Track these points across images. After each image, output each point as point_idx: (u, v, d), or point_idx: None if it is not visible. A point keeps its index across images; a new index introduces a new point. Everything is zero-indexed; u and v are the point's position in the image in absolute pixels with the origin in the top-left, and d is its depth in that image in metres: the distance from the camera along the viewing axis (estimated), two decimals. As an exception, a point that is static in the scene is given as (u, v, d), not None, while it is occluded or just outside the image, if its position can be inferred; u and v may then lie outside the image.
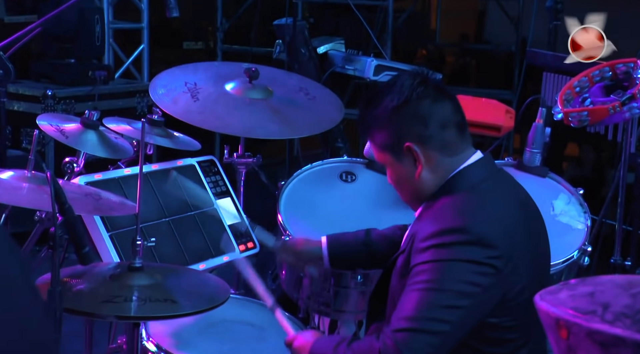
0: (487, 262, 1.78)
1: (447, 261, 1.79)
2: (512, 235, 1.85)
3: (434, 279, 1.78)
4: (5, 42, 2.53)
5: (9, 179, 2.07)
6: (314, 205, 2.74)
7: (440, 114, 1.93)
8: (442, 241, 1.80)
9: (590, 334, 0.87)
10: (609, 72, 2.94)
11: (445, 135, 1.93)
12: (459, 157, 1.95)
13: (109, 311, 1.85)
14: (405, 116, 1.94)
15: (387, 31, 5.58)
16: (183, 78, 2.72)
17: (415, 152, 1.93)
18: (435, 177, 1.95)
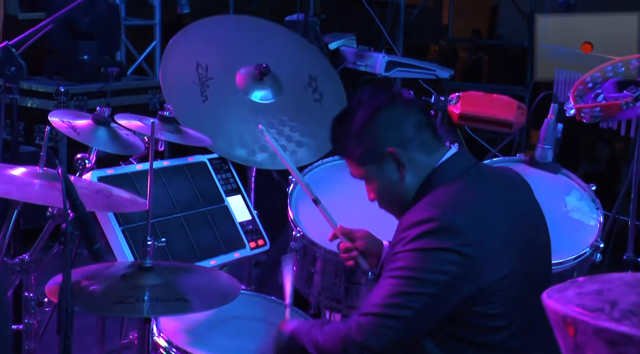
0: (455, 249, 1.80)
1: (414, 250, 1.83)
2: (487, 224, 1.86)
3: (400, 267, 1.85)
4: (18, 38, 2.54)
5: (21, 175, 2.08)
6: (326, 201, 2.74)
7: (412, 117, 1.99)
8: (411, 233, 1.85)
9: (598, 332, 0.86)
10: (622, 68, 2.92)
11: (422, 135, 1.99)
12: (436, 156, 1.99)
13: (122, 311, 1.87)
14: (380, 125, 1.99)
15: (398, 27, 5.57)
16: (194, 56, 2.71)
17: (398, 156, 1.97)
18: (416, 178, 1.99)
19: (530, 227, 2.00)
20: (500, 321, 1.87)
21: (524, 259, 1.93)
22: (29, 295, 2.56)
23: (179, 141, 2.59)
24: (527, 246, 1.95)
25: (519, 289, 1.89)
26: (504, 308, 1.87)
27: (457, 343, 1.88)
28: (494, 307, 1.86)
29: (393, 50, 5.16)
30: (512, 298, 1.87)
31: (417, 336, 1.88)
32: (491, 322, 1.87)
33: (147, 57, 6.14)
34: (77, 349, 1.83)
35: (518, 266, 1.89)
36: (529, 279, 1.92)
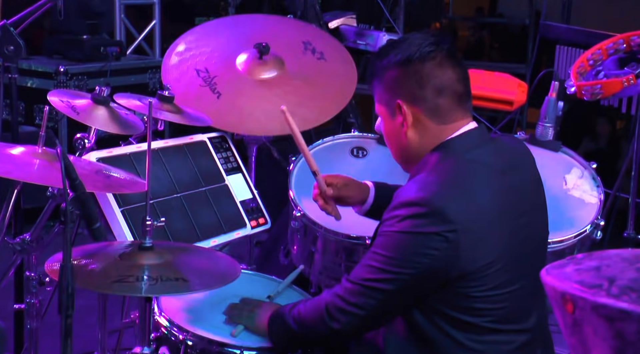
0: (440, 234, 1.80)
1: (400, 232, 1.84)
2: (478, 210, 1.85)
3: (384, 246, 1.87)
4: (16, 17, 2.53)
5: (20, 154, 2.08)
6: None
7: (439, 79, 1.94)
8: (400, 212, 1.85)
9: (596, 308, 0.86)
10: (623, 45, 2.91)
11: (438, 101, 1.95)
12: (450, 127, 1.96)
13: (121, 290, 1.87)
14: (403, 73, 1.96)
15: (399, 5, 5.54)
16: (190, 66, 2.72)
17: (404, 111, 1.96)
18: (422, 141, 1.97)
19: (528, 214, 1.98)
20: (485, 303, 1.87)
21: (516, 245, 1.92)
22: (30, 275, 2.57)
23: (179, 120, 2.58)
24: (519, 231, 1.93)
25: (507, 275, 1.88)
26: (490, 292, 1.87)
27: (442, 319, 1.89)
28: (479, 291, 1.86)
29: (394, 29, 5.14)
30: (500, 283, 1.87)
31: (397, 310, 1.93)
32: (476, 303, 1.87)
33: (147, 36, 6.12)
34: (79, 328, 1.84)
35: (509, 253, 1.89)
36: (520, 265, 1.91)
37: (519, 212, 1.94)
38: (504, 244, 1.88)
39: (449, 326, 1.89)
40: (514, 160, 2.02)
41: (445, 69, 1.94)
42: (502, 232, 1.89)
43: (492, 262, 1.85)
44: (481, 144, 1.97)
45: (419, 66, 1.94)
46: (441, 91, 1.94)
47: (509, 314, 1.92)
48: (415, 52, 1.94)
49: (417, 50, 1.94)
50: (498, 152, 2.00)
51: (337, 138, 2.91)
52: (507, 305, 1.91)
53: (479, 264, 1.84)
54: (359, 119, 4.63)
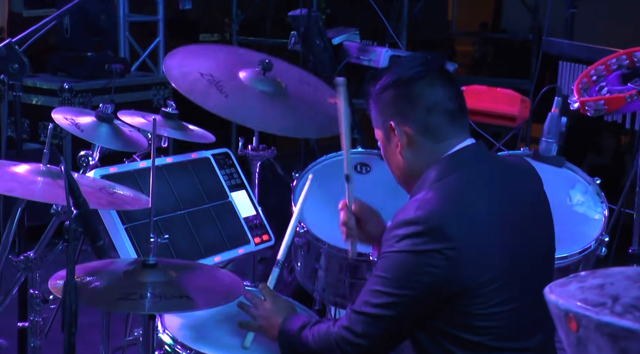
0: (440, 252, 1.80)
1: (399, 252, 1.84)
2: (478, 227, 1.84)
3: (384, 268, 1.87)
4: (21, 35, 2.54)
5: (25, 172, 2.09)
6: (329, 196, 2.74)
7: (430, 98, 1.94)
8: (398, 232, 1.85)
9: (600, 326, 0.86)
10: (626, 61, 2.91)
11: (430, 120, 1.95)
12: (445, 144, 1.96)
13: (124, 307, 1.87)
14: (394, 95, 1.97)
15: (402, 21, 5.56)
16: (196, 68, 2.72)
17: (397, 132, 1.97)
18: (418, 160, 1.97)
19: (531, 230, 1.97)
20: (487, 321, 1.86)
21: (519, 262, 1.90)
22: (34, 292, 2.56)
23: (182, 137, 2.59)
24: (518, 248, 1.92)
25: (510, 292, 1.87)
26: (491, 309, 1.86)
27: (444, 339, 1.88)
28: (479, 308, 1.85)
29: (397, 45, 5.15)
30: (501, 300, 1.86)
31: (405, 334, 1.92)
32: (477, 321, 1.86)
33: (151, 53, 6.15)
34: (82, 346, 1.84)
35: (510, 269, 1.87)
36: (523, 282, 1.90)
37: (520, 229, 1.93)
38: (504, 261, 1.87)
39: (452, 345, 1.88)
40: (514, 177, 2.01)
41: (435, 88, 1.95)
42: (503, 249, 1.88)
43: (493, 279, 1.84)
44: (479, 161, 1.97)
45: (408, 86, 1.95)
46: (431, 110, 1.94)
47: (512, 332, 1.91)
48: (404, 73, 1.96)
49: (405, 71, 1.96)
50: (497, 169, 2.00)
51: (341, 154, 2.90)
52: (510, 323, 1.90)
53: (479, 281, 1.83)
54: (362, 136, 4.63)
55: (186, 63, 2.73)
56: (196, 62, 2.75)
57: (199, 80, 2.64)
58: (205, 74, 2.67)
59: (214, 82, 2.64)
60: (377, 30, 5.37)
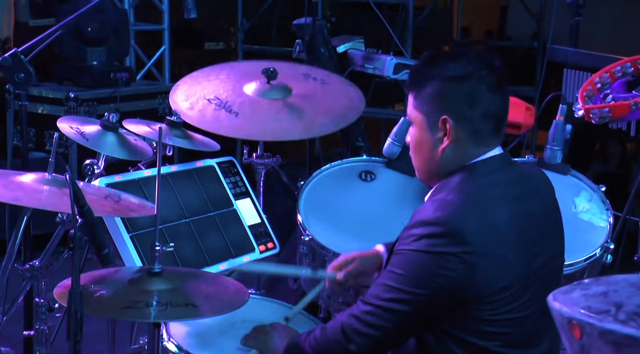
0: (457, 256, 1.80)
1: (417, 251, 1.84)
2: (496, 235, 1.84)
3: (400, 265, 1.87)
4: (28, 44, 2.55)
5: (30, 181, 2.09)
6: (334, 205, 2.74)
7: (488, 104, 1.91)
8: (417, 231, 1.85)
9: (603, 334, 0.86)
10: (631, 68, 2.91)
11: (483, 125, 1.92)
12: (482, 150, 1.94)
13: (130, 316, 1.87)
14: (457, 90, 1.92)
15: (407, 29, 5.57)
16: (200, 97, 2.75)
17: (450, 128, 1.92)
18: (454, 160, 1.95)
19: (545, 240, 1.97)
20: (496, 327, 1.86)
21: (531, 270, 1.91)
22: (40, 301, 2.57)
23: (187, 145, 2.60)
24: (533, 257, 1.92)
25: (521, 300, 1.88)
26: (502, 316, 1.86)
27: (451, 341, 1.88)
28: (490, 314, 1.85)
29: (402, 53, 5.16)
30: (512, 307, 1.86)
31: (412, 330, 1.92)
32: (487, 327, 1.86)
33: (156, 62, 6.16)
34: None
35: (523, 278, 1.88)
36: (534, 291, 1.90)
37: (535, 238, 1.94)
38: (519, 269, 1.88)
39: (459, 348, 1.88)
40: (532, 186, 2.01)
41: (494, 95, 1.92)
42: (518, 257, 1.88)
43: (507, 286, 1.84)
44: (502, 169, 1.96)
45: (473, 87, 1.90)
46: (487, 116, 1.92)
47: (520, 339, 1.91)
48: (473, 72, 1.90)
49: (474, 70, 1.91)
50: (518, 178, 1.99)
51: (346, 162, 2.91)
52: (519, 330, 1.90)
53: (494, 288, 1.83)
54: (367, 143, 4.63)
55: (191, 92, 2.75)
56: (200, 88, 2.78)
57: (207, 107, 2.68)
58: (212, 99, 2.70)
59: (222, 105, 2.67)
60: (382, 38, 5.38)
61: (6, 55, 2.47)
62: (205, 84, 2.81)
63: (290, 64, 3.11)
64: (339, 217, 2.70)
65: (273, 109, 2.73)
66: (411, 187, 2.79)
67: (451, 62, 1.93)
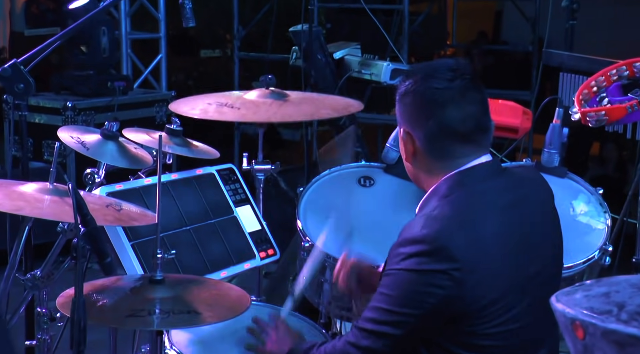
0: (445, 273, 1.78)
1: (404, 270, 1.83)
2: (485, 247, 1.83)
3: (389, 285, 1.86)
4: (27, 55, 2.56)
5: (32, 191, 2.10)
6: (333, 210, 2.75)
7: (445, 117, 1.88)
8: (405, 250, 1.84)
9: (606, 333, 0.87)
10: (626, 71, 2.92)
11: (438, 138, 1.90)
12: (454, 162, 1.91)
13: (133, 324, 1.88)
14: (413, 102, 1.92)
15: (403, 34, 5.59)
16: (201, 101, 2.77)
17: (409, 140, 1.95)
18: (421, 171, 1.96)
19: (540, 247, 1.95)
20: (490, 340, 1.85)
21: (524, 280, 1.89)
22: (41, 310, 2.58)
23: (187, 153, 2.61)
24: (531, 266, 1.91)
25: (515, 311, 1.87)
26: (495, 329, 1.85)
27: None
28: (484, 327, 1.84)
29: (398, 58, 5.18)
30: (506, 319, 1.85)
31: (408, 351, 1.91)
32: (480, 341, 1.85)
33: (153, 70, 6.18)
34: (90, 364, 1.84)
35: (515, 289, 1.87)
36: (530, 300, 1.89)
37: (528, 246, 1.91)
38: (509, 281, 1.86)
39: None
40: (527, 191, 1.98)
41: (455, 106, 1.88)
42: (509, 270, 1.86)
43: (498, 299, 1.83)
44: (491, 177, 1.92)
45: (423, 99, 1.90)
46: (443, 130, 1.89)
47: (516, 350, 1.90)
48: (429, 86, 1.89)
49: (431, 85, 1.90)
50: (509, 185, 1.96)
51: (344, 168, 2.92)
52: (514, 341, 1.88)
53: (484, 302, 1.82)
54: (365, 149, 4.65)
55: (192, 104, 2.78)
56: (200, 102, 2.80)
57: (208, 107, 2.70)
58: (212, 103, 2.72)
59: (222, 105, 2.69)
60: (378, 44, 5.39)
61: (6, 66, 2.47)
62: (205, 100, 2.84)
63: None
64: (339, 222, 2.71)
65: (275, 105, 2.76)
66: (410, 192, 2.80)
67: (415, 76, 1.94)
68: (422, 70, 1.95)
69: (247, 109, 2.71)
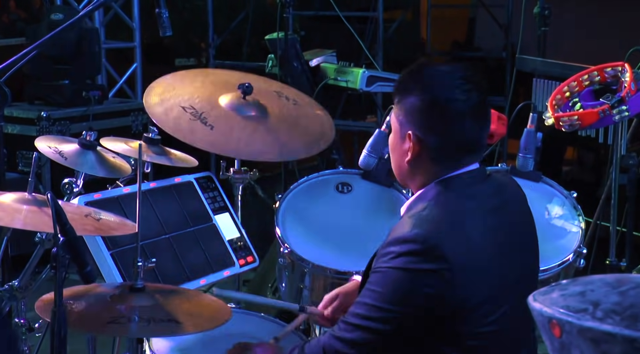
0: (435, 273, 1.80)
1: (395, 268, 1.84)
2: (472, 250, 1.85)
3: (378, 283, 1.86)
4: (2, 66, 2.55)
5: (9, 201, 2.10)
6: (312, 217, 2.77)
7: (461, 130, 1.91)
8: (395, 249, 1.85)
9: (582, 331, 0.90)
10: (598, 76, 2.98)
11: (449, 151, 1.93)
12: (451, 167, 1.94)
13: (113, 331, 1.88)
14: (425, 108, 1.91)
15: (378, 42, 5.63)
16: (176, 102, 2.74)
17: (413, 144, 1.93)
18: (419, 173, 1.96)
19: (521, 251, 1.99)
20: (476, 340, 1.88)
21: (509, 282, 1.93)
22: (19, 321, 2.57)
23: (166, 162, 2.62)
24: (514, 268, 1.95)
25: (499, 312, 1.89)
26: (481, 328, 1.87)
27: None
28: (470, 328, 1.86)
29: (373, 65, 5.21)
30: (492, 320, 1.87)
31: (394, 348, 1.90)
32: (466, 341, 1.87)
33: (128, 79, 6.16)
34: (69, 374, 1.83)
35: (501, 290, 1.90)
36: (512, 301, 1.91)
37: (511, 249, 1.95)
38: (496, 281, 1.89)
39: None
40: (508, 196, 2.02)
41: (473, 121, 1.91)
42: (495, 271, 1.89)
43: (485, 300, 1.86)
44: (478, 183, 1.96)
45: (442, 109, 1.90)
46: (452, 139, 1.91)
47: (500, 350, 1.93)
48: (451, 98, 1.89)
49: (447, 92, 1.90)
50: (494, 190, 1.99)
51: (322, 174, 2.94)
52: (498, 342, 1.91)
53: (473, 303, 1.84)
54: (342, 155, 4.67)
55: (166, 97, 2.74)
56: (176, 93, 2.76)
57: (182, 116, 2.66)
58: (187, 108, 2.68)
59: (197, 115, 2.66)
60: (353, 51, 5.42)
61: (-20, 77, 2.46)
62: (179, 89, 2.79)
63: (264, 79, 3.13)
64: (317, 229, 2.73)
65: (249, 128, 2.73)
66: (387, 198, 2.83)
67: (428, 79, 1.93)
68: (438, 77, 1.93)
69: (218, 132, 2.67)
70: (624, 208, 3.47)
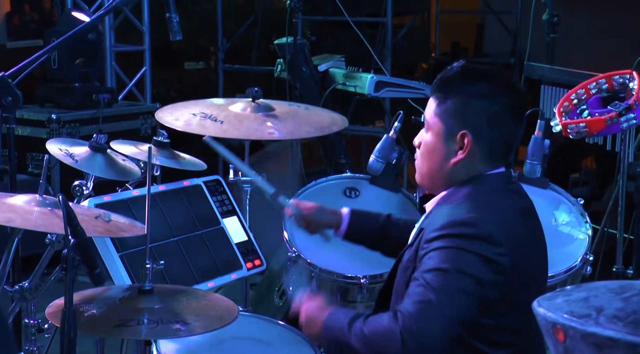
0: (493, 259, 1.84)
1: (455, 248, 1.85)
2: (517, 242, 1.90)
3: (444, 263, 1.83)
4: (15, 69, 2.58)
5: (21, 203, 2.12)
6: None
7: (507, 128, 1.97)
8: (452, 232, 1.86)
9: (585, 336, 0.91)
10: (605, 84, 2.99)
11: (498, 146, 1.98)
12: (488, 165, 1.99)
13: (122, 334, 1.90)
14: (483, 109, 1.95)
15: (387, 47, 5.64)
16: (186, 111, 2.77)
17: (468, 143, 1.95)
18: (462, 172, 1.99)
19: (542, 251, 2.06)
20: (510, 337, 1.91)
21: (537, 280, 2.00)
22: (29, 322, 2.59)
23: (175, 165, 2.64)
24: (539, 268, 2.03)
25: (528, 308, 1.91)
26: (515, 324, 1.91)
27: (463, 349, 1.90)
28: (506, 322, 1.89)
29: (382, 71, 5.23)
30: (523, 315, 1.88)
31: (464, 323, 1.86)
32: (501, 336, 1.90)
33: (137, 82, 6.19)
34: (78, 376, 1.85)
35: (532, 286, 1.95)
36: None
37: (539, 249, 2.02)
38: (530, 276, 1.95)
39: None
40: (530, 200, 2.07)
41: (516, 121, 1.99)
42: (531, 266, 1.96)
43: (523, 292, 1.89)
44: (508, 184, 2.02)
45: (500, 110, 1.95)
46: (504, 139, 1.98)
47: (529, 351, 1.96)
48: (501, 94, 1.96)
49: (502, 93, 1.96)
50: (522, 192, 2.06)
51: (330, 179, 2.96)
52: (528, 341, 1.94)
53: (515, 293, 1.88)
54: (350, 160, 4.69)
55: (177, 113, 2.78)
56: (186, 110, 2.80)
57: (192, 118, 2.70)
58: (197, 113, 2.72)
59: (207, 117, 2.69)
60: (362, 57, 5.44)
61: (-7, 80, 2.49)
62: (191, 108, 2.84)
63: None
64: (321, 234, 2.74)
65: (259, 119, 2.77)
66: (395, 202, 2.84)
67: (482, 80, 1.98)
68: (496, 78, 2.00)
69: (229, 124, 2.71)
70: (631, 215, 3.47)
